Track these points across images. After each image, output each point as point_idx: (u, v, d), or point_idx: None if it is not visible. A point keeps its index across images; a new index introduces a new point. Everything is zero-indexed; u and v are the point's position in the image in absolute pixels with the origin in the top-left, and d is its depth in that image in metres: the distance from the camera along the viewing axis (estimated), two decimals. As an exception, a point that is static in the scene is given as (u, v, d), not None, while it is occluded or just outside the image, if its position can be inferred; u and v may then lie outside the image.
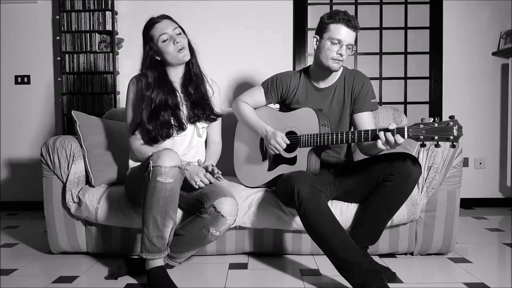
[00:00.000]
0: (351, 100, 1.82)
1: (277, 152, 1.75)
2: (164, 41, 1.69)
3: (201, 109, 1.77)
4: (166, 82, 1.74)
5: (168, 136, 1.70)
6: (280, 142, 1.72)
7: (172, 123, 1.71)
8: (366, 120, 1.80)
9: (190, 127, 1.78)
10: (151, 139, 1.70)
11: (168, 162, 1.46)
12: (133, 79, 1.78)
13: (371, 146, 1.68)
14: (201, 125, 1.81)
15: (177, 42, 1.69)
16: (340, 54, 1.68)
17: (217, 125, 1.90)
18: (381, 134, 1.48)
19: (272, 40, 3.04)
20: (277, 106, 1.99)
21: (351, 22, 1.66)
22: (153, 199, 1.47)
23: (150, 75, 1.72)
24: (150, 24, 1.74)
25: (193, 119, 1.77)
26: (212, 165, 1.66)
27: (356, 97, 1.81)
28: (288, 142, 1.73)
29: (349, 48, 1.69)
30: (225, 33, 3.03)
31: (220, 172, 1.63)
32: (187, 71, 1.80)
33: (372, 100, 1.82)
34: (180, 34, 1.73)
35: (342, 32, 1.67)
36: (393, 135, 1.46)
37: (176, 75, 1.80)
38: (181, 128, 1.73)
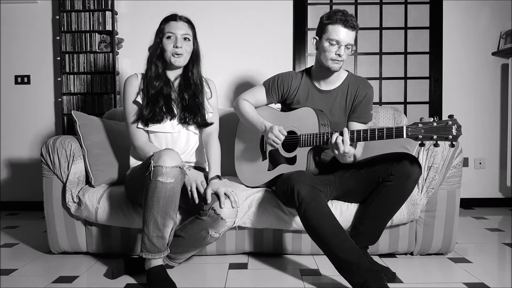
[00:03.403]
0: (351, 107, 1.82)
1: (276, 146, 1.74)
2: (168, 37, 1.72)
3: (192, 115, 1.77)
4: (165, 74, 1.79)
5: (159, 121, 1.72)
6: (277, 134, 1.71)
7: (164, 109, 1.73)
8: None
9: (183, 129, 1.79)
10: (144, 121, 1.72)
11: (169, 162, 1.46)
12: (133, 76, 1.79)
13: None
14: (188, 125, 1.81)
15: (176, 47, 1.71)
16: (339, 55, 1.68)
17: (214, 127, 1.86)
18: (334, 135, 1.56)
19: (272, 40, 3.04)
20: (279, 106, 1.99)
21: (348, 22, 1.65)
22: (153, 199, 1.47)
23: (160, 65, 1.76)
24: (168, 19, 1.76)
25: (183, 120, 1.77)
26: (232, 192, 1.60)
27: (356, 106, 1.81)
28: (285, 133, 1.72)
29: (348, 48, 1.69)
30: (225, 33, 3.03)
31: (238, 204, 1.61)
32: (185, 77, 1.81)
33: (370, 112, 1.84)
34: (186, 40, 1.74)
35: (339, 33, 1.66)
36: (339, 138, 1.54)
37: (172, 74, 1.83)
38: (172, 115, 1.75)
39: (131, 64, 3.05)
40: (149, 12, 3.03)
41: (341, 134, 1.56)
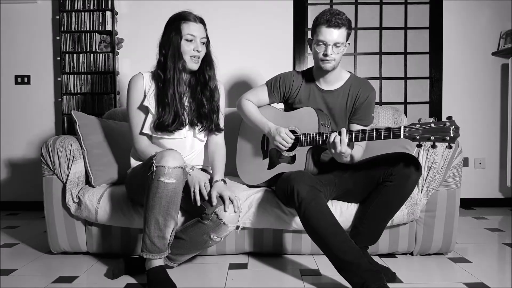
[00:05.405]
0: (352, 109, 1.82)
1: (284, 148, 1.75)
2: (187, 40, 1.64)
3: (209, 122, 1.74)
4: (179, 79, 1.69)
5: (178, 129, 1.67)
6: (285, 137, 1.72)
7: (183, 117, 1.68)
8: None
9: (189, 135, 1.75)
10: (159, 128, 1.66)
11: (171, 162, 1.46)
12: (138, 76, 1.71)
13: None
14: (198, 131, 1.77)
15: (198, 51, 1.65)
16: (325, 55, 1.69)
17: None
18: (332, 135, 1.57)
19: (272, 40, 3.04)
20: (281, 105, 1.99)
21: (331, 22, 1.64)
22: (155, 199, 1.47)
23: (181, 67, 1.66)
24: (185, 18, 1.65)
25: (195, 125, 1.73)
26: (235, 197, 1.60)
27: (357, 108, 1.81)
28: (293, 137, 1.72)
29: (337, 46, 1.69)
30: (225, 33, 3.03)
31: (240, 209, 1.61)
32: (201, 81, 1.74)
33: (371, 115, 1.84)
34: (204, 44, 1.69)
35: (325, 33, 1.66)
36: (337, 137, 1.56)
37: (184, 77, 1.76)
38: (184, 122, 1.70)
39: (131, 64, 3.05)
40: (149, 12, 3.03)
41: (339, 133, 1.56)
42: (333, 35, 1.66)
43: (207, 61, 1.75)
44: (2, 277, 1.69)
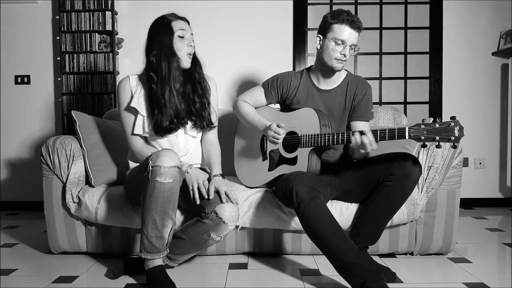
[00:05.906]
0: (351, 107, 1.82)
1: (277, 142, 1.73)
2: (180, 36, 1.67)
3: (200, 120, 1.75)
4: (174, 77, 1.69)
5: (172, 126, 1.67)
6: (275, 129, 1.69)
7: (176, 116, 1.68)
8: (362, 129, 1.77)
9: (180, 132, 1.75)
10: (157, 130, 1.67)
11: (167, 162, 1.46)
12: (125, 80, 1.72)
13: (354, 149, 1.68)
14: (189, 128, 1.77)
15: (190, 45, 1.69)
16: (344, 55, 1.69)
17: (215, 129, 1.87)
18: (357, 135, 1.53)
19: (272, 40, 3.04)
20: (278, 106, 1.99)
21: (355, 23, 1.66)
22: (152, 199, 1.47)
23: (177, 65, 1.68)
24: (172, 17, 1.71)
25: (185, 123, 1.73)
26: (231, 191, 1.61)
27: (356, 105, 1.81)
28: (283, 125, 1.70)
29: (352, 48, 1.70)
30: (225, 33, 3.03)
31: (237, 201, 1.62)
32: (191, 79, 1.75)
33: (371, 110, 1.84)
34: (193, 41, 1.73)
35: (345, 33, 1.67)
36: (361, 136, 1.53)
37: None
38: (179, 124, 1.70)
39: (131, 64, 3.05)
40: (149, 12, 3.00)
41: (363, 133, 1.53)
42: (354, 36, 1.68)
43: (196, 61, 1.77)
44: (2, 277, 1.69)
